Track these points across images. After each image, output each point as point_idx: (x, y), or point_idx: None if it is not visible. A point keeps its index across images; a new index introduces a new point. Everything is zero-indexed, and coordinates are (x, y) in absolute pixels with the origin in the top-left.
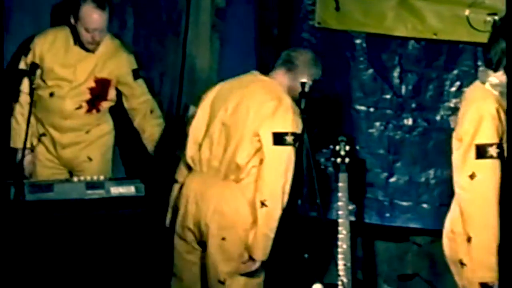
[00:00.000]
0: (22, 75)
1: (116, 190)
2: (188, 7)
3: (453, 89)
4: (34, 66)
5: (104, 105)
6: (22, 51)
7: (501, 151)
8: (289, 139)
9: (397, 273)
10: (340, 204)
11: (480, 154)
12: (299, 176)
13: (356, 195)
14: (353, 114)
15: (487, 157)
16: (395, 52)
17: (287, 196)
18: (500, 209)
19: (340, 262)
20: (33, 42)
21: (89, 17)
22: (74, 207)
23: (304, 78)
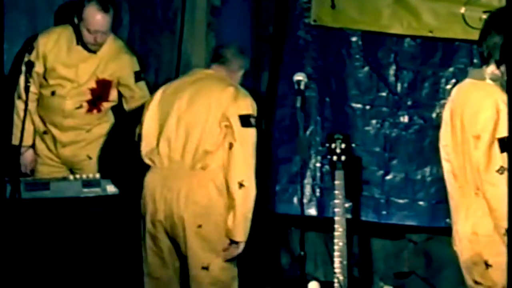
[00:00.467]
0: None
1: (112, 188)
2: (184, 5)
3: (449, 87)
4: (30, 65)
5: (105, 106)
6: (26, 49)
7: None
8: (253, 121)
9: (393, 271)
10: (336, 202)
11: (504, 148)
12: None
13: (352, 193)
14: (349, 112)
15: None
16: (391, 50)
17: None
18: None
19: (336, 260)
20: (37, 41)
21: (92, 19)
22: (70, 205)
23: (235, 68)
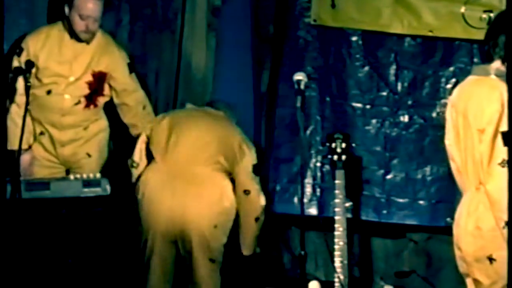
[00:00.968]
0: (18, 74)
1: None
2: (184, 5)
3: (449, 86)
4: (30, 64)
5: (101, 100)
6: (14, 51)
7: None
8: None
9: (394, 270)
10: (337, 201)
11: (508, 141)
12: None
13: (353, 192)
14: (349, 112)
15: None
16: (391, 49)
17: None
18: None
19: (337, 259)
20: (25, 42)
21: (84, 4)
22: (71, 205)
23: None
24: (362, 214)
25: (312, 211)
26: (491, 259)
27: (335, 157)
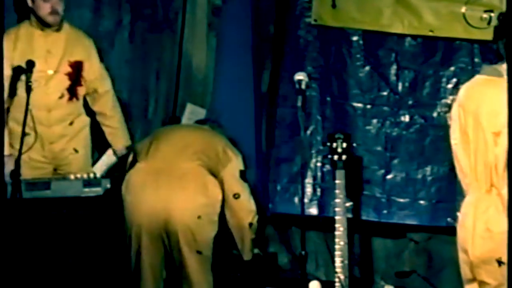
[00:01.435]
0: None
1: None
2: (185, 5)
3: (450, 86)
4: (31, 64)
5: (81, 92)
6: None
7: None
8: None
9: (394, 270)
10: (337, 201)
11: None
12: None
13: (353, 192)
14: (350, 111)
15: None
16: (392, 49)
17: None
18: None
19: (337, 259)
20: None
21: None
22: (71, 205)
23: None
24: (363, 214)
25: (313, 211)
26: (500, 262)
27: (336, 157)
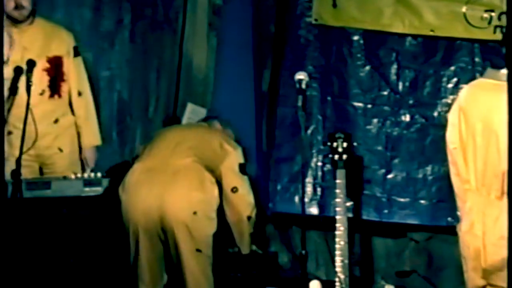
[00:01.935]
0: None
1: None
2: (185, 5)
3: (450, 86)
4: (31, 64)
5: (64, 88)
6: None
7: None
8: None
9: (395, 269)
10: (338, 201)
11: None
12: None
13: (354, 192)
14: (351, 111)
15: None
16: (392, 49)
17: None
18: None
19: (338, 259)
20: None
21: None
22: (72, 204)
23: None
24: (363, 214)
25: (313, 211)
26: None
27: (336, 157)
